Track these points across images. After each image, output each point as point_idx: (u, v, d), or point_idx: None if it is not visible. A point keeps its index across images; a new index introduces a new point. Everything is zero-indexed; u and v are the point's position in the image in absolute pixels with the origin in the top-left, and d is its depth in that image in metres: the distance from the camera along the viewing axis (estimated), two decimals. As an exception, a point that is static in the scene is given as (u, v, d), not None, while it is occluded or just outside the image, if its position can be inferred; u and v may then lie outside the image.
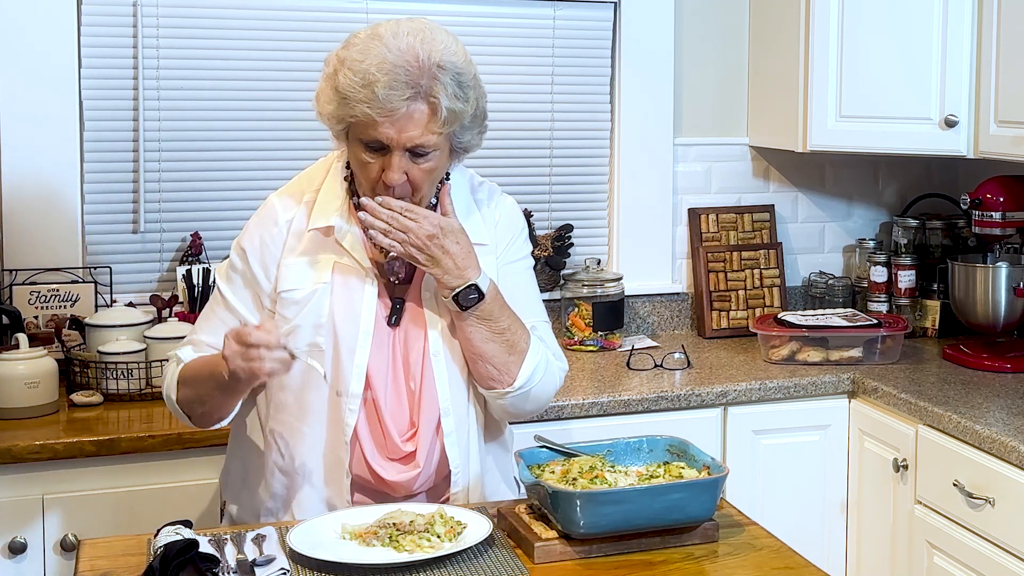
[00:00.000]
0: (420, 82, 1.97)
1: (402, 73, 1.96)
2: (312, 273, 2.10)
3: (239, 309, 2.15)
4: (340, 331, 2.08)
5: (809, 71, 3.33)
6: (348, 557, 1.84)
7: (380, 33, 2.01)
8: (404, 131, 1.99)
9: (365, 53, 1.99)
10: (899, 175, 3.81)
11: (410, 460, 2.11)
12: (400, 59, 1.97)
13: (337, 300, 2.09)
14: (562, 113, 3.51)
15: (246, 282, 2.15)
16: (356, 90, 1.97)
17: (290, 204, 2.16)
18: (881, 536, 3.01)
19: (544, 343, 2.18)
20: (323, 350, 2.08)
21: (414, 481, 2.11)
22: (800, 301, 3.72)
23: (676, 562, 1.90)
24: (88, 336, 2.87)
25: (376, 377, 2.09)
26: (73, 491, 2.53)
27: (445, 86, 1.99)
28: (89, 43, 3.07)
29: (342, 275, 2.11)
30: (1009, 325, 3.22)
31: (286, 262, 2.11)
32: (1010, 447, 2.53)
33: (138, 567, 1.85)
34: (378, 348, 2.10)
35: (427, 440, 2.10)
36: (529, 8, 3.45)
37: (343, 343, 2.08)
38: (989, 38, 3.01)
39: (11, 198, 2.99)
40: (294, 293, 2.10)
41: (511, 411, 2.17)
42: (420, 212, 2.04)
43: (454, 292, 2.06)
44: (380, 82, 1.96)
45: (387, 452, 2.11)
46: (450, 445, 2.12)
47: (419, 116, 1.99)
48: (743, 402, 3.03)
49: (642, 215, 3.56)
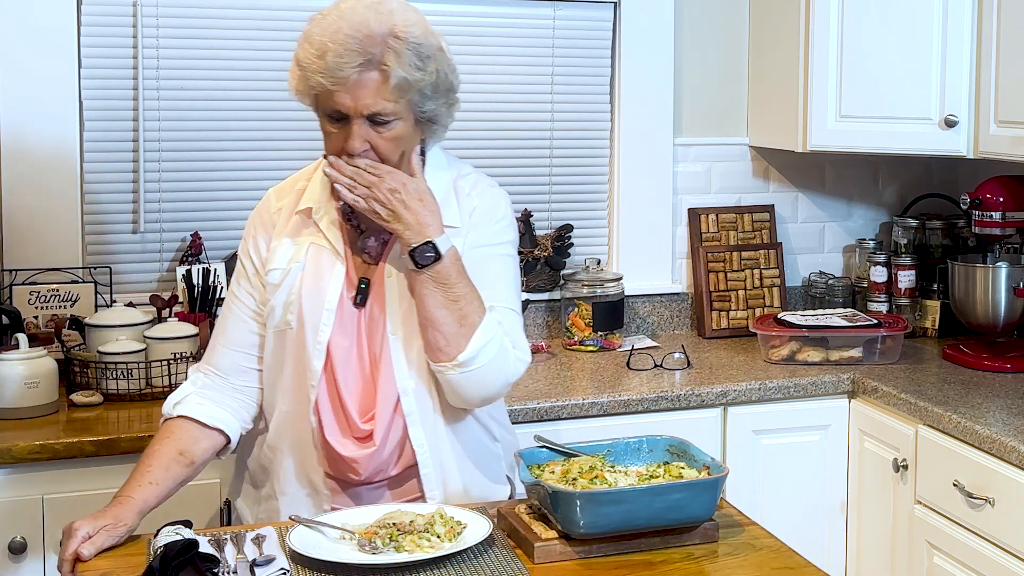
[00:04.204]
0: (372, 50, 2.01)
1: (353, 43, 2.01)
2: (290, 253, 2.16)
3: (243, 299, 2.21)
4: (305, 309, 2.12)
5: (809, 71, 3.33)
6: (348, 557, 1.85)
7: (340, 7, 2.07)
8: (359, 99, 2.03)
9: (321, 25, 2.05)
10: (899, 175, 3.81)
11: (368, 440, 2.12)
12: (352, 29, 2.02)
13: (307, 279, 2.14)
14: (562, 113, 3.51)
15: (247, 271, 2.22)
16: (312, 60, 2.03)
17: (284, 193, 2.24)
18: (881, 536, 3.01)
19: (502, 327, 2.13)
20: (292, 328, 2.13)
21: (371, 459, 2.11)
22: (800, 301, 3.72)
23: (676, 562, 1.90)
24: (88, 336, 2.87)
25: (337, 355, 2.12)
26: (73, 491, 2.53)
27: (399, 55, 2.02)
28: (89, 43, 3.07)
29: (315, 255, 2.16)
30: (1009, 325, 3.22)
31: (274, 244, 2.19)
32: (1010, 447, 2.53)
33: (138, 567, 1.85)
34: (342, 327, 2.13)
35: (384, 419, 2.11)
36: (529, 8, 3.45)
37: (308, 321, 2.12)
38: (989, 38, 3.01)
39: (11, 198, 3.00)
40: (273, 274, 2.16)
41: (459, 392, 2.11)
42: (384, 168, 2.08)
43: (411, 247, 2.06)
44: (331, 51, 2.01)
45: (348, 431, 2.13)
46: (412, 424, 2.12)
47: (371, 84, 2.03)
48: (743, 402, 3.03)
49: (642, 215, 3.56)
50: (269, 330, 2.17)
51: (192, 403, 2.16)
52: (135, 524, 2.00)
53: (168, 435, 2.13)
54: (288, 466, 2.17)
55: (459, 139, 3.41)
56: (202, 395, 2.17)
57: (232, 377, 2.19)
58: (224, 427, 2.16)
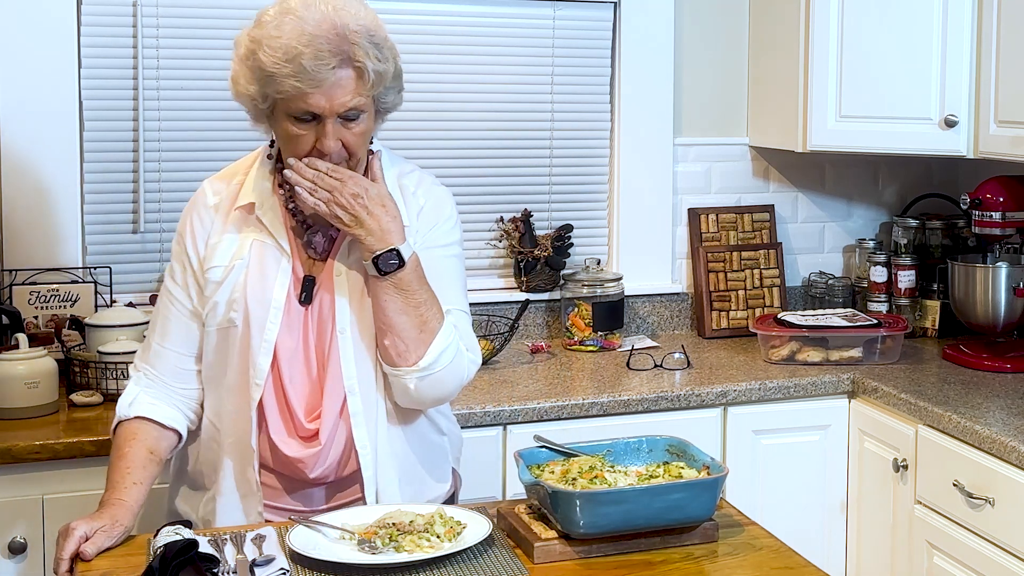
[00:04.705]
0: (342, 48, 2.00)
1: (323, 43, 1.99)
2: (232, 250, 2.14)
3: (180, 298, 2.18)
4: (251, 307, 2.10)
5: (809, 71, 3.33)
6: (348, 557, 1.85)
7: (290, 6, 2.03)
8: (335, 99, 2.02)
9: (280, 29, 2.01)
10: (899, 175, 3.81)
11: (313, 439, 2.11)
12: (318, 29, 1.99)
13: (251, 276, 2.12)
14: (562, 113, 3.51)
15: (183, 268, 2.18)
16: (281, 65, 1.99)
17: (220, 187, 2.21)
18: (881, 536, 3.01)
19: (457, 330, 2.14)
20: (236, 326, 2.11)
21: (316, 459, 2.10)
22: (800, 301, 3.71)
23: (676, 562, 1.90)
24: (88, 336, 2.87)
25: (283, 354, 2.11)
26: (73, 491, 2.53)
27: (365, 50, 2.02)
28: (89, 43, 3.07)
29: (259, 252, 2.13)
30: (1009, 325, 3.22)
31: (212, 242, 2.15)
32: (1010, 447, 2.53)
33: (138, 567, 1.85)
34: (289, 326, 2.11)
35: (331, 418, 2.10)
36: (529, 8, 3.45)
37: (254, 319, 2.10)
38: (989, 38, 3.01)
39: (11, 198, 2.99)
40: (215, 271, 2.14)
41: (414, 396, 2.11)
42: (346, 172, 2.06)
43: (375, 255, 2.05)
44: (304, 54, 1.98)
45: (293, 430, 2.11)
46: (356, 425, 2.11)
47: (347, 82, 2.02)
48: (743, 402, 3.03)
49: (642, 215, 3.56)
50: (210, 328, 2.14)
51: (145, 403, 2.15)
52: (131, 525, 2.00)
53: (132, 436, 2.12)
54: (227, 466, 2.14)
55: (460, 139, 3.43)
56: (150, 395, 2.16)
57: (171, 380, 2.17)
58: (177, 426, 2.16)
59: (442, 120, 3.40)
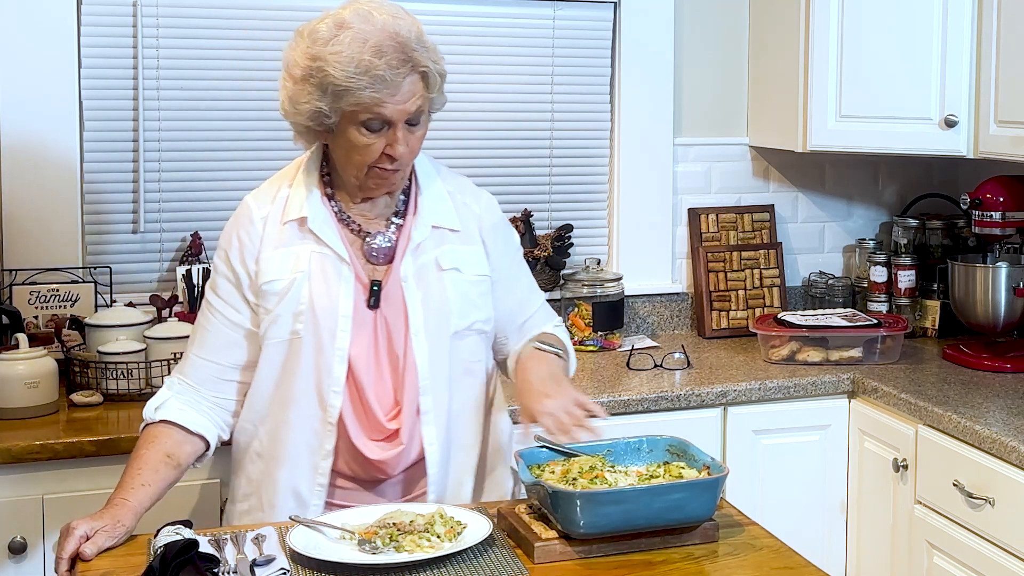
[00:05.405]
0: (407, 55, 2.05)
1: (392, 52, 2.03)
2: (290, 263, 2.15)
3: (223, 311, 2.19)
4: (320, 317, 2.13)
5: (809, 71, 3.33)
6: (348, 557, 1.85)
7: (345, 20, 2.06)
8: (406, 105, 2.07)
9: (342, 43, 2.03)
10: (899, 175, 3.81)
11: (394, 438, 2.14)
12: (382, 39, 2.04)
13: (316, 288, 2.14)
14: (562, 113, 3.51)
15: (229, 282, 2.19)
16: (356, 78, 2.02)
17: (264, 201, 2.21)
18: (881, 536, 3.01)
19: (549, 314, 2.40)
20: (302, 338, 2.13)
21: (398, 460, 2.14)
22: (800, 301, 3.71)
23: (676, 562, 1.90)
24: (88, 336, 2.87)
25: (358, 359, 2.13)
26: (73, 491, 2.53)
27: (423, 54, 2.07)
28: (89, 43, 3.07)
29: (319, 263, 2.15)
30: (1009, 325, 3.22)
31: (265, 256, 2.16)
32: (1010, 447, 2.53)
33: (138, 567, 1.85)
34: (359, 331, 2.14)
35: (410, 418, 2.14)
36: (529, 8, 3.45)
37: (324, 329, 2.12)
38: (989, 38, 3.01)
39: (11, 198, 3.00)
40: (274, 284, 2.14)
41: None
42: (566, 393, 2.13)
43: None
44: (379, 66, 2.02)
45: (372, 432, 2.14)
46: (426, 423, 2.15)
47: (415, 87, 2.08)
48: (743, 402, 3.03)
49: (642, 215, 3.56)
50: (270, 340, 2.15)
51: (173, 408, 2.16)
52: (132, 526, 2.00)
53: (153, 439, 2.13)
54: (280, 478, 2.15)
55: (460, 139, 3.43)
56: (181, 400, 2.17)
57: (205, 389, 2.18)
58: (205, 433, 2.17)
59: (442, 120, 3.35)
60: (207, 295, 2.23)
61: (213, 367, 2.19)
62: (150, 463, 2.09)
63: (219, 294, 2.20)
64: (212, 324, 2.20)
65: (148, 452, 2.11)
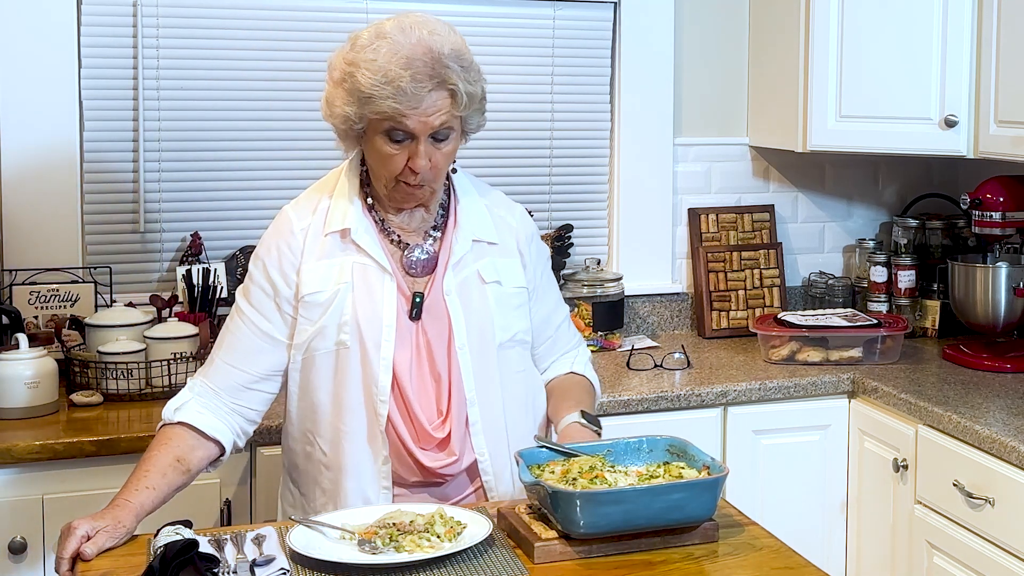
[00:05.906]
0: (437, 71, 2.07)
1: (420, 65, 2.06)
2: (333, 275, 2.17)
3: (255, 320, 2.20)
4: (364, 328, 2.15)
5: (809, 71, 3.33)
6: (348, 557, 1.85)
7: (385, 31, 2.10)
8: (429, 119, 2.09)
9: (377, 52, 2.07)
10: (899, 175, 3.81)
11: (444, 446, 2.17)
12: (414, 52, 2.06)
13: (359, 298, 2.16)
14: (562, 113, 3.51)
15: (263, 292, 2.20)
16: (380, 87, 2.05)
17: (305, 212, 2.22)
18: (881, 536, 3.01)
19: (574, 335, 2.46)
20: (349, 347, 2.15)
21: (451, 467, 2.18)
22: (800, 301, 3.72)
23: (676, 562, 1.90)
24: (88, 336, 2.87)
25: (402, 369, 2.16)
26: (73, 491, 2.53)
27: (457, 73, 2.09)
28: (89, 43, 3.07)
29: (362, 274, 2.17)
30: (1009, 325, 3.22)
31: (306, 267, 2.18)
32: (1010, 447, 2.53)
33: (138, 567, 1.85)
34: (401, 342, 2.17)
35: (459, 429, 2.18)
36: (529, 8, 3.45)
37: (368, 339, 2.15)
38: (989, 38, 3.01)
39: (11, 198, 3.00)
40: (317, 296, 2.16)
41: None
42: None
43: None
44: (403, 77, 2.05)
45: (421, 440, 2.17)
46: (475, 434, 2.19)
47: (441, 103, 2.09)
48: (743, 402, 3.03)
49: (642, 215, 3.57)
50: (317, 352, 2.16)
51: (192, 410, 2.16)
52: (133, 527, 2.00)
53: (166, 441, 2.13)
54: (349, 487, 2.17)
55: (459, 139, 3.42)
56: (201, 403, 2.17)
57: (226, 395, 2.18)
58: (221, 438, 2.16)
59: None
60: (238, 301, 2.23)
61: (237, 374, 2.19)
62: (158, 467, 2.09)
63: (251, 302, 2.20)
64: (241, 331, 2.20)
65: (158, 455, 2.11)
